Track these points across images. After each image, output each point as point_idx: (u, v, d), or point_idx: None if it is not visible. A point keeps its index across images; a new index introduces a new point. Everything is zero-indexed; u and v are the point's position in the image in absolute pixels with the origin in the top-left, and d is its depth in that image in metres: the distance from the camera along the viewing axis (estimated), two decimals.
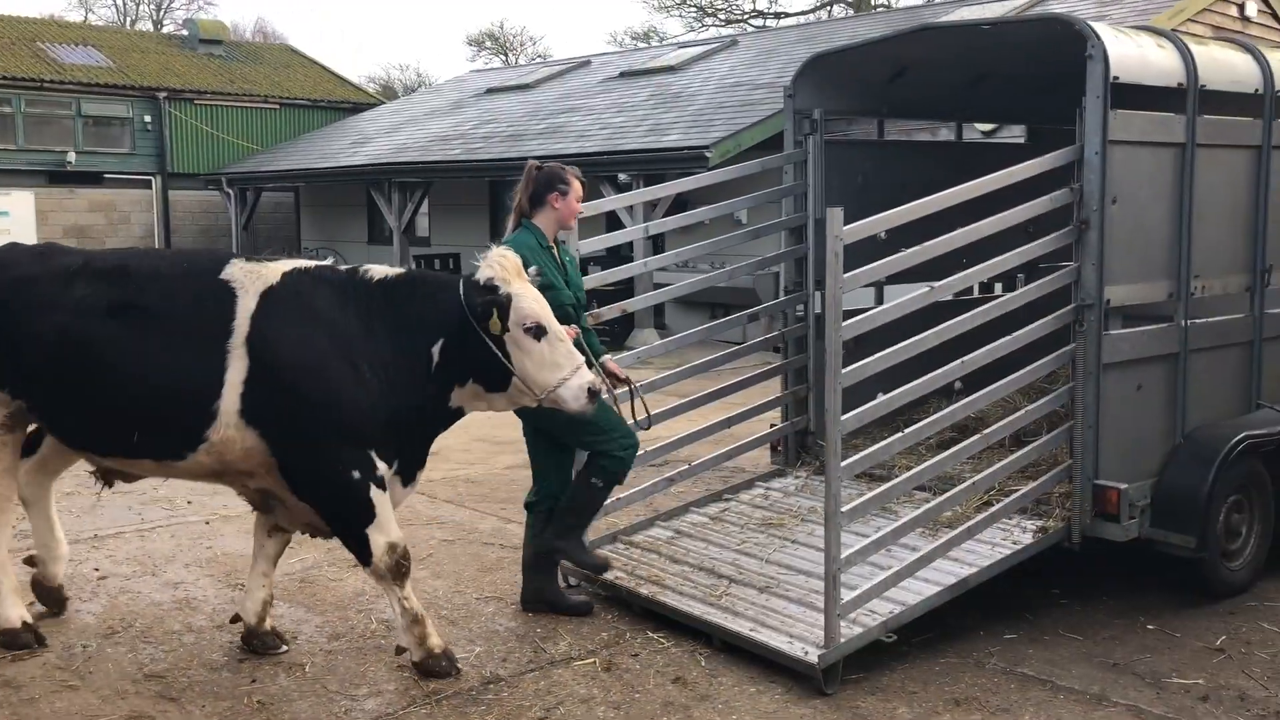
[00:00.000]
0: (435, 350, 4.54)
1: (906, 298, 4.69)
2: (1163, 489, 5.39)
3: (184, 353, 4.44)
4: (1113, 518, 5.19)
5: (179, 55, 26.23)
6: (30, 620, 5.04)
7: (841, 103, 6.79)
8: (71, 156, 22.94)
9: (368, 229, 22.61)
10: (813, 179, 6.56)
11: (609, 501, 5.97)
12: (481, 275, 4.48)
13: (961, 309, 5.03)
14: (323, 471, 4.48)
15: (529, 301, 4.47)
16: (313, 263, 4.78)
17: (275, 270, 4.57)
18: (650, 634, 5.16)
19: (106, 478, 5.09)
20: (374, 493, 4.53)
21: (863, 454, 4.62)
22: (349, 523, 4.59)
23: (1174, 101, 5.46)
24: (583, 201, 5.46)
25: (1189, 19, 14.41)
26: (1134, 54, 5.25)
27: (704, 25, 36.41)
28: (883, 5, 32.26)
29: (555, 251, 5.33)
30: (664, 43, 31.43)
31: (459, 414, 4.82)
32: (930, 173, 6.09)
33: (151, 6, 45.53)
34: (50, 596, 5.41)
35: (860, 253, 4.70)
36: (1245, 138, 5.79)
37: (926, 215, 4.86)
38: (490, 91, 22.19)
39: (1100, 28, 5.17)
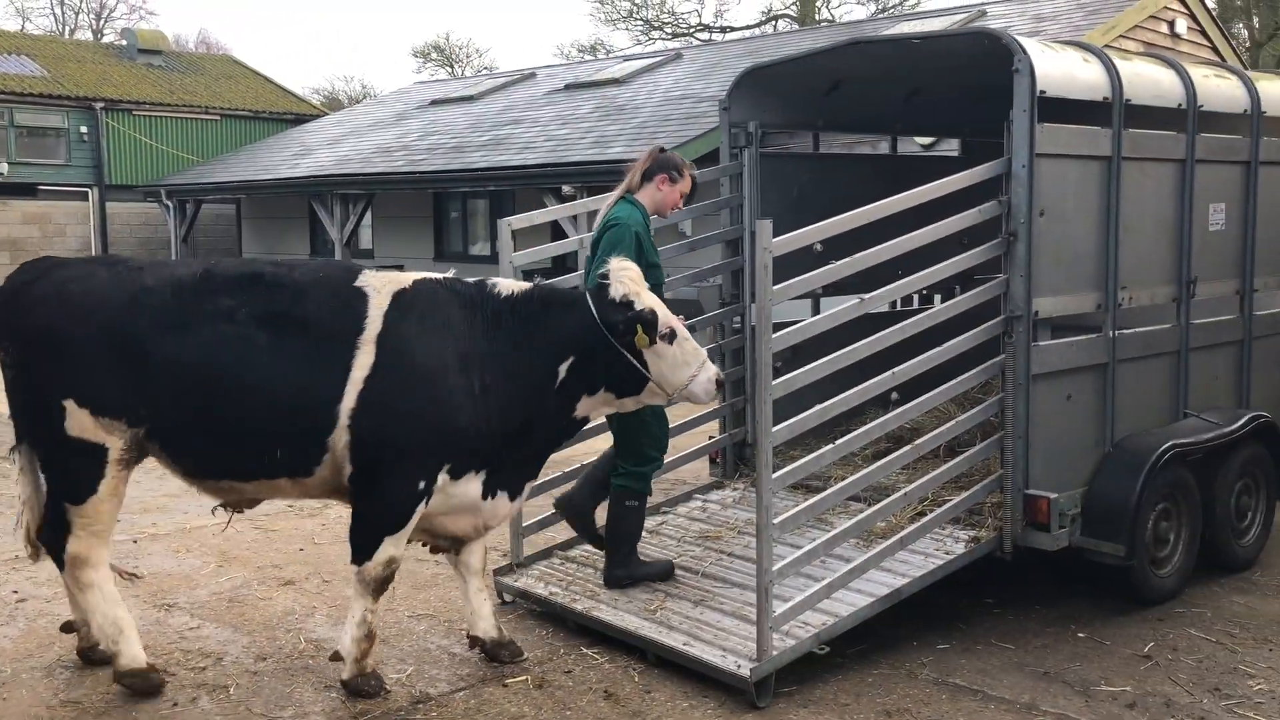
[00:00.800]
0: (563, 368, 4.56)
1: (837, 309, 4.70)
2: (1092, 498, 5.44)
3: (321, 359, 4.37)
4: (1043, 527, 5.23)
5: (117, 65, 25.81)
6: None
7: (777, 116, 6.82)
8: (4, 168, 22.46)
9: (310, 241, 22.36)
10: (748, 191, 6.58)
11: (545, 515, 5.95)
12: (616, 293, 4.54)
13: (897, 321, 5.05)
14: (395, 474, 4.41)
15: (664, 311, 4.61)
16: (448, 275, 4.74)
17: (407, 276, 4.58)
18: (585, 650, 5.11)
19: (237, 505, 4.81)
20: (420, 505, 4.53)
21: (794, 465, 4.61)
22: (379, 526, 4.54)
23: (1100, 115, 5.54)
24: (521, 214, 5.46)
25: (1121, 35, 14.68)
26: (1060, 68, 5.32)
27: (650, 39, 36.56)
28: (826, 20, 32.58)
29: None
30: (610, 55, 31.48)
31: (584, 423, 4.85)
32: (866, 185, 6.13)
33: (90, 16, 44.85)
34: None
35: (796, 265, 4.72)
36: (1170, 151, 5.88)
37: (860, 227, 4.88)
38: (435, 103, 22.07)
39: (1027, 42, 5.23)
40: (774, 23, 34.08)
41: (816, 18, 32.68)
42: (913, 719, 4.40)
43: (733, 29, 34.86)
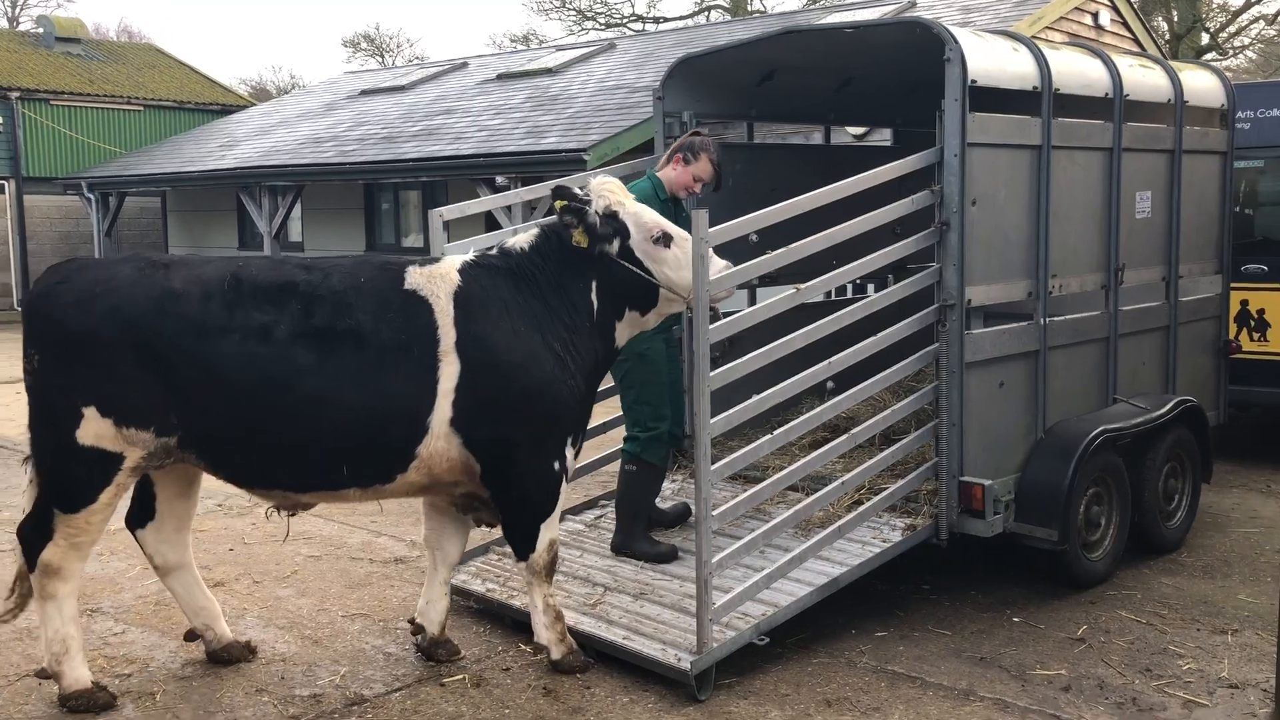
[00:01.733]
0: (593, 295, 4.60)
1: (774, 299, 4.68)
2: (1025, 484, 5.50)
3: (393, 370, 4.25)
4: (978, 514, 5.28)
5: (33, 53, 25.03)
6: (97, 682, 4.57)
7: (711, 105, 6.79)
8: None
9: (238, 234, 21.91)
10: None
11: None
12: (598, 206, 4.58)
13: (833, 310, 5.05)
14: (528, 466, 4.45)
15: (648, 214, 4.66)
16: (468, 254, 4.67)
17: (450, 270, 4.48)
18: (523, 647, 5.04)
19: (291, 509, 4.67)
20: (563, 485, 4.60)
21: (732, 457, 4.59)
22: (533, 517, 4.58)
23: (1029, 105, 5.58)
24: (453, 204, 5.34)
25: (1047, 27, 14.89)
26: (991, 58, 5.35)
27: (583, 29, 36.36)
28: (759, 11, 32.67)
29: (674, 206, 5.53)
30: (542, 45, 31.28)
31: (618, 354, 4.91)
32: (800, 175, 6.12)
33: (5, 4, 43.46)
34: (237, 651, 4.95)
35: (731, 255, 4.68)
36: (1098, 140, 5.96)
37: (795, 217, 4.86)
38: (365, 93, 21.72)
39: (958, 31, 5.25)
40: (707, 13, 34.08)
41: (749, 8, 32.76)
42: (853, 708, 4.40)
43: (666, 19, 34.81)
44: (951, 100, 5.16)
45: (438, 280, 4.41)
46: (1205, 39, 27.04)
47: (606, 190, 4.63)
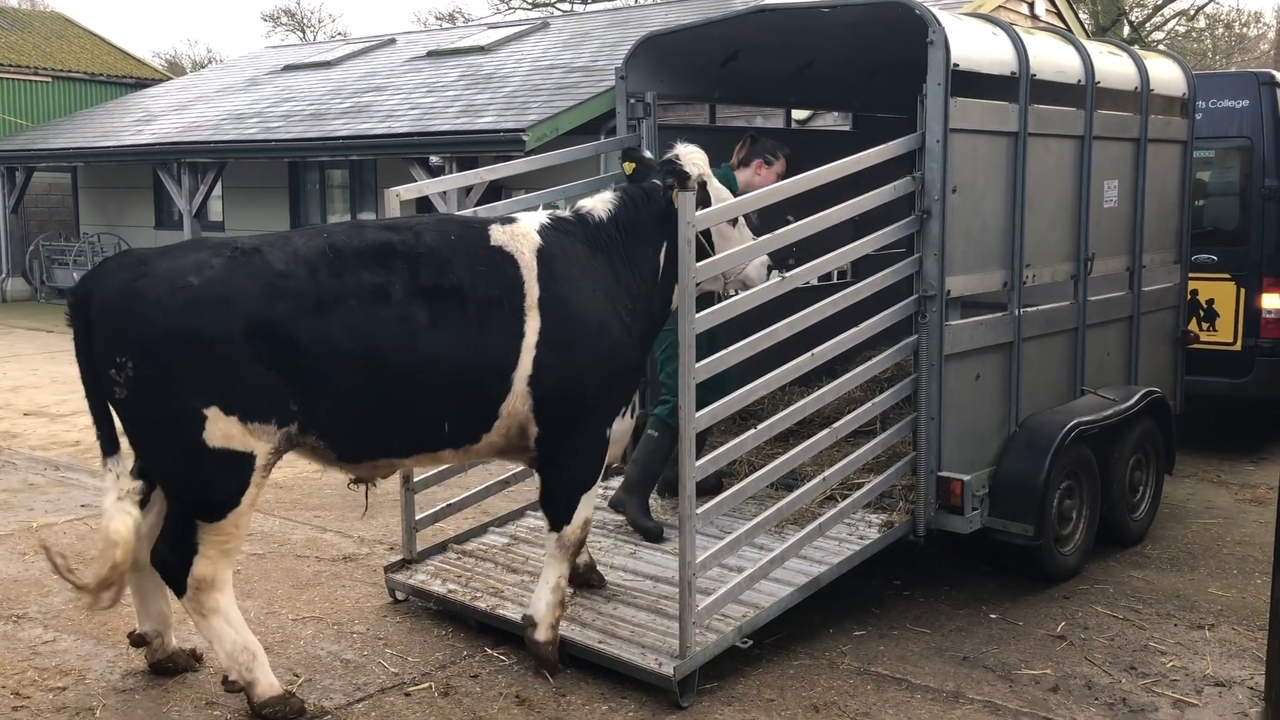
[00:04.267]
0: (661, 258, 4.64)
1: (759, 287, 4.48)
2: (1000, 478, 5.40)
3: (490, 326, 4.25)
4: (956, 510, 5.17)
5: None
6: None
7: (674, 86, 6.56)
8: None
9: (155, 212, 21.10)
10: None
11: (438, 508, 5.61)
12: (689, 169, 4.73)
13: (815, 300, 4.86)
14: (583, 431, 4.41)
15: (725, 192, 4.85)
16: (545, 213, 4.67)
17: (530, 229, 4.47)
18: (490, 651, 4.81)
19: (370, 480, 4.52)
20: (606, 455, 4.59)
21: (717, 452, 4.39)
22: (577, 486, 4.52)
23: (1007, 90, 5.46)
24: (410, 184, 5.05)
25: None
26: (972, 42, 5.22)
27: (510, 7, 35.78)
28: None
29: None
30: (471, 23, 30.69)
31: (664, 323, 4.89)
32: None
33: None
34: (182, 660, 4.64)
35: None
36: (1070, 128, 5.87)
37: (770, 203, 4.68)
38: (288, 68, 21.02)
39: (941, 13, 5.10)
40: None
41: None
42: (841, 713, 4.25)
43: None
44: (935, 85, 5.01)
45: (520, 238, 4.40)
46: (1127, 31, 27.53)
47: (698, 159, 4.79)
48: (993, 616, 5.18)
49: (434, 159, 14.51)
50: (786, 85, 7.15)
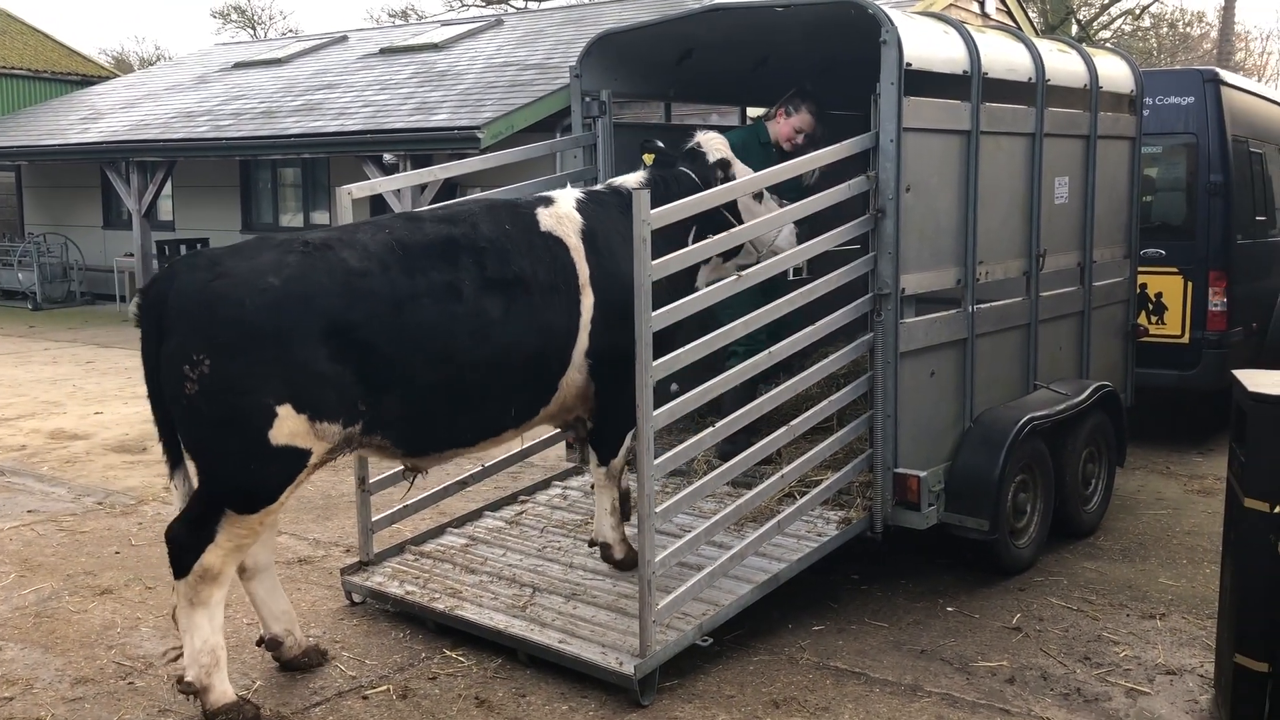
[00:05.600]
0: (690, 238, 4.81)
1: (715, 285, 4.49)
2: (956, 474, 5.45)
3: (551, 309, 4.46)
4: (913, 506, 5.21)
5: None
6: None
7: (630, 84, 6.56)
8: None
9: (103, 212, 20.76)
10: (603, 163, 6.30)
11: (394, 509, 5.57)
12: (713, 157, 5.19)
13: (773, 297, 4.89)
14: (630, 383, 4.24)
15: (749, 171, 5.10)
16: (579, 190, 4.91)
17: (571, 210, 4.70)
18: (448, 653, 4.78)
19: (420, 469, 4.69)
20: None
21: (675, 451, 4.39)
22: (624, 426, 4.72)
23: (959, 89, 5.51)
24: (361, 181, 5.01)
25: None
26: (925, 41, 5.26)
27: (464, 5, 35.59)
28: None
29: (778, 155, 5.89)
30: (425, 20, 30.47)
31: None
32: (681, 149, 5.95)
33: None
34: (315, 657, 4.69)
35: (679, 239, 4.51)
36: (1022, 125, 5.93)
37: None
38: (239, 66, 20.77)
39: (894, 13, 5.14)
40: None
41: None
42: (801, 708, 4.27)
43: None
44: (888, 84, 5.04)
45: (565, 221, 4.64)
46: (1075, 29, 27.90)
47: (719, 145, 5.21)
48: (949, 609, 5.23)
49: (388, 157, 14.40)
50: (741, 83, 7.17)
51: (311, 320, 3.92)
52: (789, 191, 5.62)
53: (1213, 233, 8.15)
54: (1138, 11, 30.83)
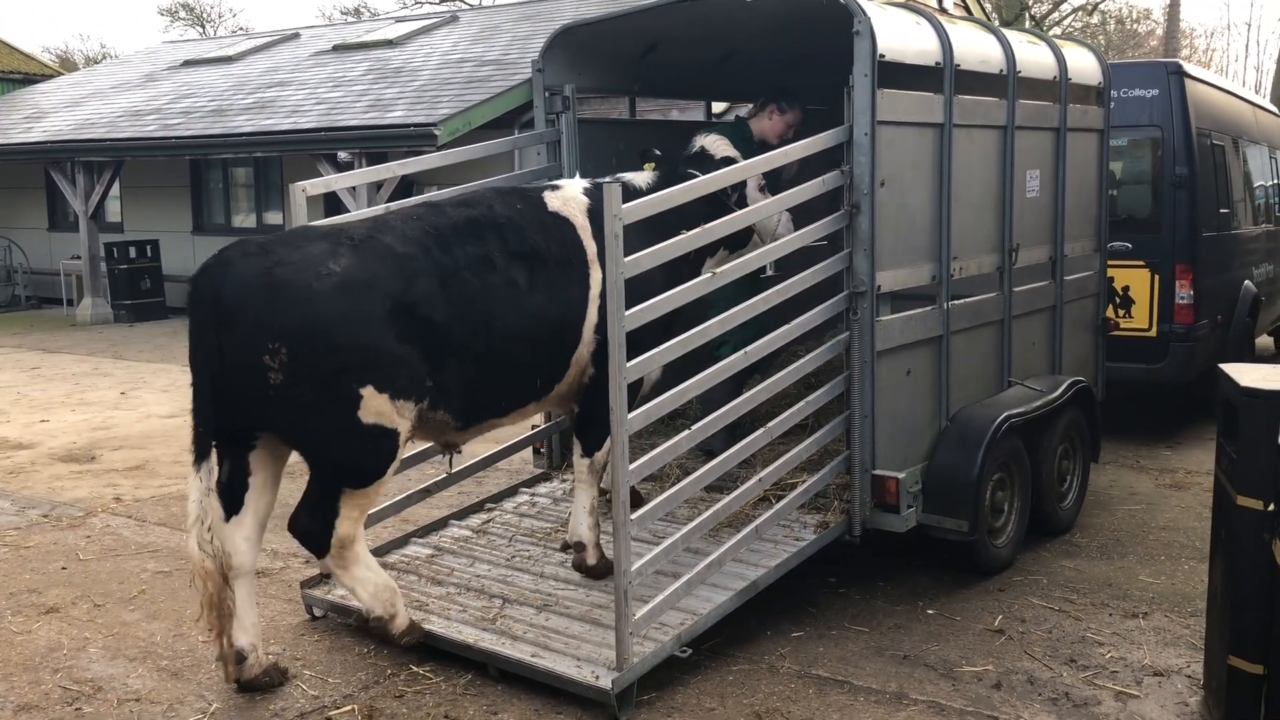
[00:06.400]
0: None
1: (691, 283, 4.33)
2: (933, 474, 5.34)
3: (568, 282, 4.60)
4: (892, 508, 5.09)
5: None
6: None
7: (593, 79, 6.39)
8: None
9: (48, 214, 20.25)
10: (567, 160, 6.13)
11: None
12: (719, 154, 5.34)
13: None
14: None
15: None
16: (586, 181, 5.02)
17: (578, 194, 4.87)
18: (415, 669, 4.59)
19: (453, 447, 4.88)
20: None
21: (650, 455, 4.23)
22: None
23: (931, 81, 5.40)
24: (317, 178, 4.81)
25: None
26: (897, 32, 5.14)
27: (418, 2, 35.20)
28: None
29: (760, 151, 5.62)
30: (377, 17, 30.06)
31: None
32: (674, 154, 5.81)
33: None
34: (277, 676, 4.50)
35: (661, 231, 4.37)
36: (994, 118, 5.83)
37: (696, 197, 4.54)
38: (188, 64, 20.33)
39: (865, 4, 5.01)
40: None
41: None
42: (784, 718, 4.13)
43: None
44: (861, 76, 4.92)
45: (571, 202, 4.81)
46: (1029, 25, 28.07)
47: (723, 145, 5.38)
48: (930, 612, 5.12)
49: (342, 155, 14.13)
50: (706, 78, 7.02)
51: (377, 302, 4.05)
52: (772, 187, 5.50)
53: (1179, 226, 8.13)
54: (1090, 8, 31.08)
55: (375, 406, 4.06)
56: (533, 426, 6.29)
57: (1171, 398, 8.86)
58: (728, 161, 5.16)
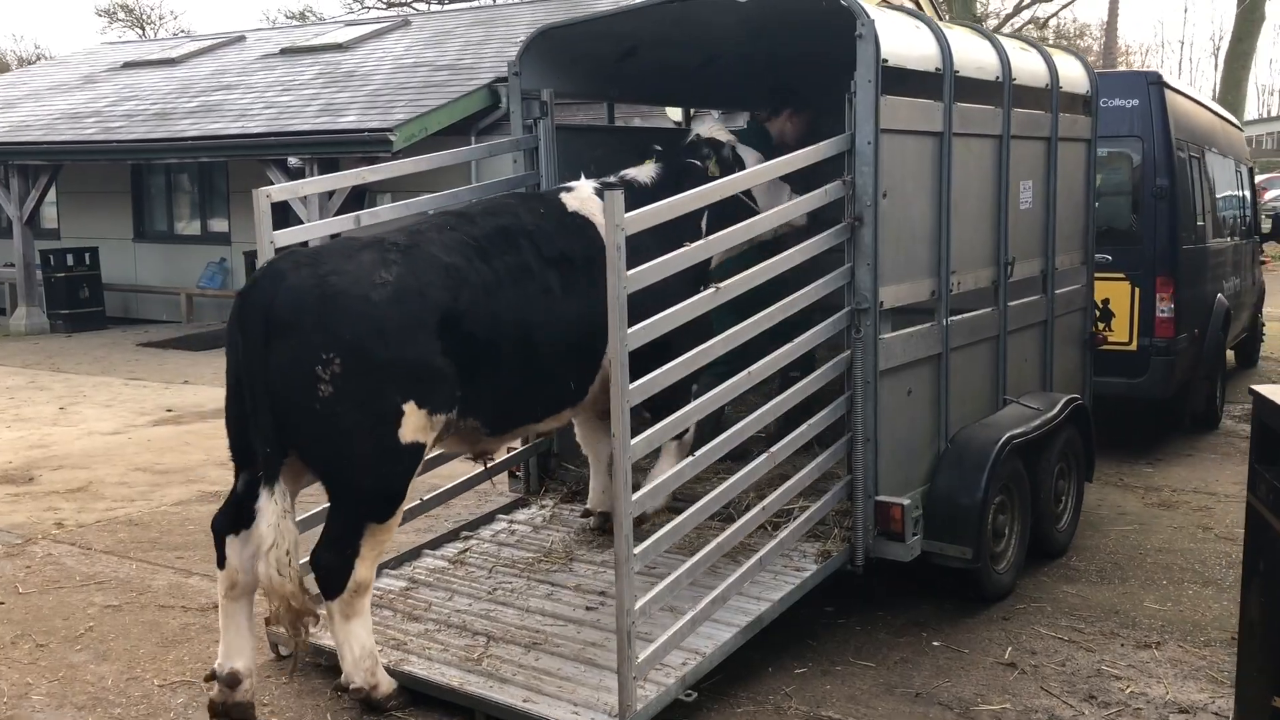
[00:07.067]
0: (702, 224, 4.95)
1: (694, 299, 4.05)
2: (935, 499, 5.12)
3: (593, 284, 4.37)
4: (897, 536, 4.84)
5: None
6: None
7: (571, 83, 6.09)
8: None
9: None
10: (546, 168, 5.82)
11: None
12: (724, 139, 5.43)
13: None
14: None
15: (753, 154, 5.41)
16: (594, 182, 4.93)
17: (589, 192, 4.82)
18: (396, 715, 4.24)
19: (482, 455, 4.77)
20: None
21: (656, 483, 3.95)
22: (671, 402, 4.28)
23: (932, 87, 5.18)
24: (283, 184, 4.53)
25: None
26: (900, 35, 4.92)
27: (365, 7, 34.66)
28: None
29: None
30: (325, 20, 29.48)
31: None
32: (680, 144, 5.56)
33: None
34: (253, 713, 4.19)
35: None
36: (990, 126, 5.64)
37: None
38: (129, 65, 19.68)
39: (868, 6, 4.77)
40: None
41: None
42: None
43: None
44: (865, 81, 4.68)
45: (589, 201, 4.76)
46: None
47: (718, 130, 5.41)
48: (935, 644, 4.88)
49: (293, 160, 13.70)
50: (685, 82, 6.76)
51: (428, 314, 3.97)
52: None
53: (1159, 238, 8.01)
54: (1040, 22, 31.38)
55: (414, 423, 3.95)
56: (508, 450, 5.96)
57: (1148, 413, 8.74)
58: (716, 145, 5.26)
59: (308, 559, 4.11)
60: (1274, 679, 3.53)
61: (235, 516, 4.10)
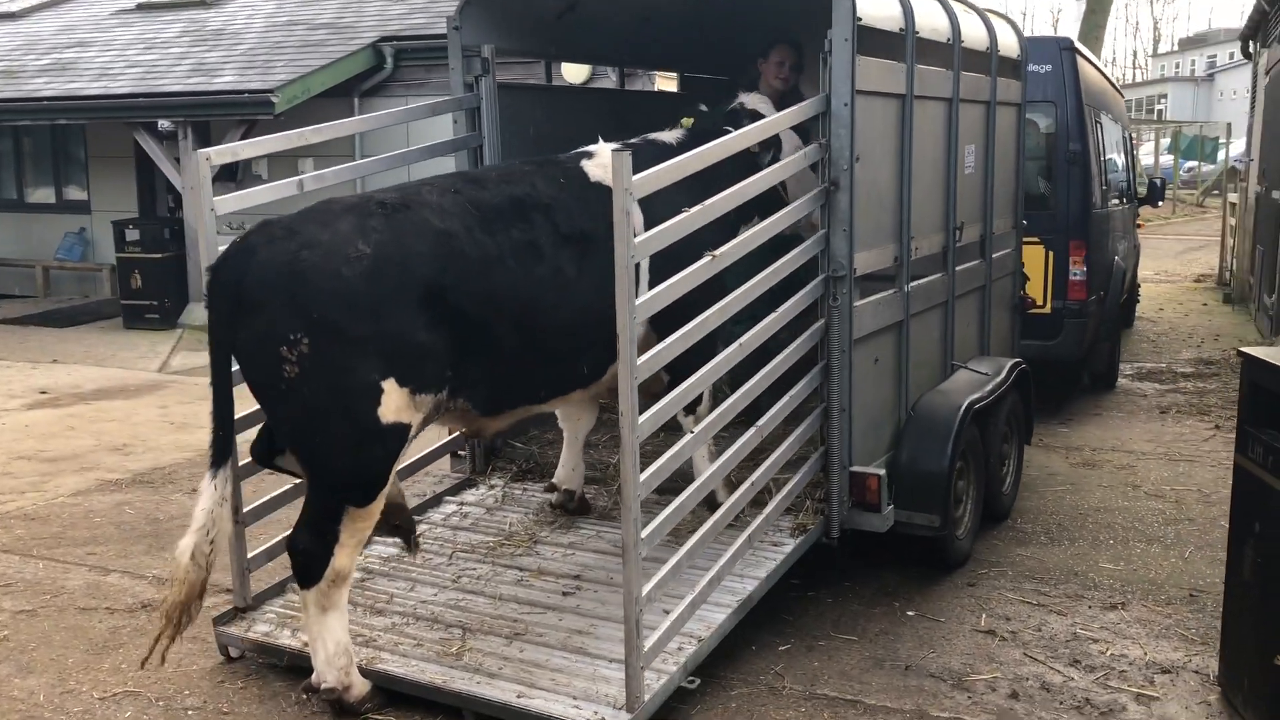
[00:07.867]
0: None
1: (693, 268, 3.86)
2: (901, 468, 5.07)
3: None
4: (873, 507, 4.78)
5: None
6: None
7: (511, 40, 5.80)
8: None
9: None
10: (488, 130, 5.52)
11: (275, 542, 4.67)
12: (765, 110, 5.09)
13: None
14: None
15: (790, 133, 4.99)
16: (617, 144, 4.60)
17: (607, 159, 4.38)
18: (372, 717, 3.97)
19: (479, 434, 4.65)
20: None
21: (659, 463, 3.74)
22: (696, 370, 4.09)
23: (897, 48, 5.08)
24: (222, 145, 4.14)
25: None
26: None
27: None
28: None
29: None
30: None
31: None
32: (601, 123, 5.35)
33: None
34: None
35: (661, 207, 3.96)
36: (942, 89, 5.58)
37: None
38: None
39: None
40: None
41: None
42: None
43: None
44: (841, 40, 4.54)
45: (607, 170, 4.17)
46: None
47: (762, 102, 5.20)
48: (910, 613, 4.85)
49: (164, 123, 12.90)
50: (624, 42, 6.53)
51: (409, 287, 3.70)
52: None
53: (1072, 202, 8.16)
54: None
55: (395, 402, 3.71)
56: (450, 432, 5.66)
57: (1055, 374, 8.95)
58: (758, 117, 4.89)
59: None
60: (1272, 638, 3.59)
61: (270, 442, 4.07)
